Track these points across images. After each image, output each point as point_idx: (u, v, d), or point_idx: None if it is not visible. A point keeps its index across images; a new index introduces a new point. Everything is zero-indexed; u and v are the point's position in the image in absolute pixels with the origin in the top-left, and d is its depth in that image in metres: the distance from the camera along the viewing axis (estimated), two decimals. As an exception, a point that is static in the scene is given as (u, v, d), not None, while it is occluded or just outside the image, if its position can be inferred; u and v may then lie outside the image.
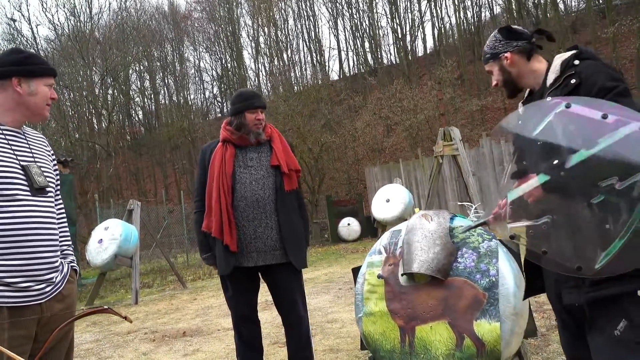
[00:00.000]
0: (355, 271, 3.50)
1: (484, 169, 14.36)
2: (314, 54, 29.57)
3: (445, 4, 30.67)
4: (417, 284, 2.86)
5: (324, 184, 20.76)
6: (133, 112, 32.85)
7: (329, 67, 35.24)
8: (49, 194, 1.94)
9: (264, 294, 3.53)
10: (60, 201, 2.07)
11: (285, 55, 29.03)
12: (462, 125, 18.43)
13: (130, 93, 30.55)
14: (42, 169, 1.94)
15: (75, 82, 23.71)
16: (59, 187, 2.07)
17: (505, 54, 1.92)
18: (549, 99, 1.77)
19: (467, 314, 2.67)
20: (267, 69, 29.84)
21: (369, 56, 28.77)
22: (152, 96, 32.26)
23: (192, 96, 33.09)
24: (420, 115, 16.88)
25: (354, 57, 30.83)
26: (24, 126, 1.99)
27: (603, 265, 1.51)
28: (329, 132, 19.47)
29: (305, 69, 29.63)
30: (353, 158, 21.84)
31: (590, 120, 1.56)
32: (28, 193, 1.83)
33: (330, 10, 29.89)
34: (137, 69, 30.11)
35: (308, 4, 29.56)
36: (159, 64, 31.53)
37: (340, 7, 29.36)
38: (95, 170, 22.81)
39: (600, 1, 24.08)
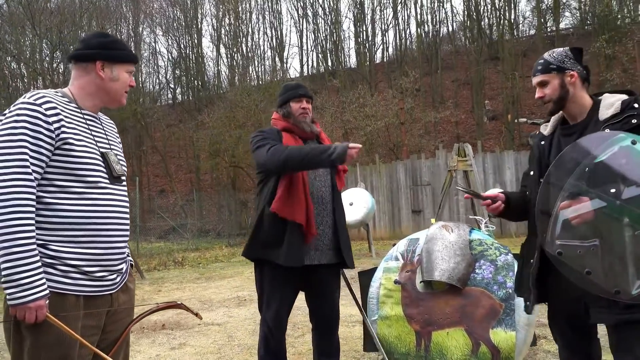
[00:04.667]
0: (362, 275, 3.59)
1: (438, 179, 14.90)
2: (275, 50, 29.43)
3: (408, 14, 31.37)
4: (434, 292, 2.99)
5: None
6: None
7: (288, 64, 35.19)
8: (124, 183, 1.91)
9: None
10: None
11: (245, 47, 28.70)
12: (420, 135, 18.99)
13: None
14: (118, 156, 1.91)
15: (22, 53, 22.21)
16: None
17: (572, 72, 2.02)
18: (613, 131, 1.89)
19: (483, 322, 2.83)
20: (226, 60, 29.38)
21: (329, 57, 28.99)
22: (102, 75, 30.83)
23: (144, 79, 31.96)
24: (380, 122, 17.24)
25: (315, 57, 31.01)
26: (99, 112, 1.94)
27: None
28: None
29: (264, 64, 29.46)
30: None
31: None
32: (107, 181, 1.80)
33: (294, 7, 29.90)
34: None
35: (274, -1, 29.38)
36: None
37: (305, 6, 29.41)
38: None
39: (550, 30, 25.60)
